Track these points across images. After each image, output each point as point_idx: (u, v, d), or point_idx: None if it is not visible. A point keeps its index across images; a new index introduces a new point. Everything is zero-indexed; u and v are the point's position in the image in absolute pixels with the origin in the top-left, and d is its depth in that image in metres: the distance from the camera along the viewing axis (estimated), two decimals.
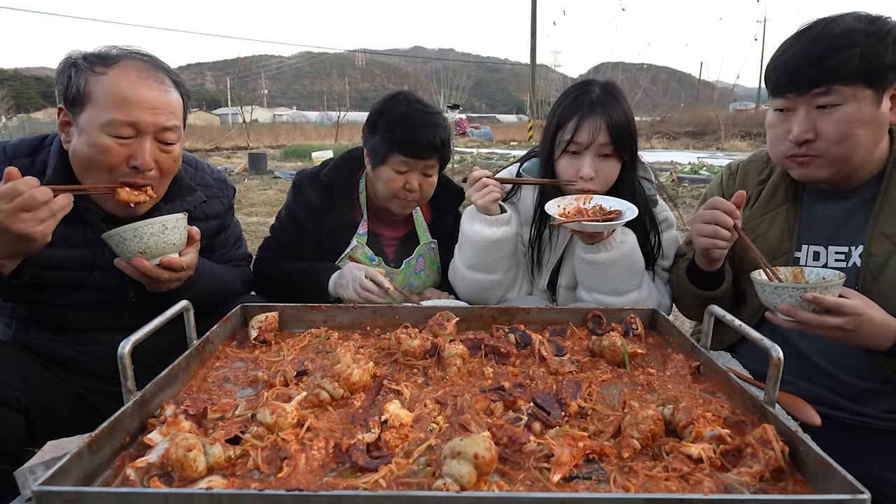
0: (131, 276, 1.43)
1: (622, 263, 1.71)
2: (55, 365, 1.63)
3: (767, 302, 1.33)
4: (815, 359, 1.53)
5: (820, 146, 1.41)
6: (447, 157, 2.00)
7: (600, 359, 1.30)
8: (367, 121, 1.98)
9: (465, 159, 18.27)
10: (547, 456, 0.88)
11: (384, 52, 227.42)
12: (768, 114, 1.53)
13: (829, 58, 1.34)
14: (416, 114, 1.89)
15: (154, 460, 0.83)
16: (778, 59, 1.45)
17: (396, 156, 1.88)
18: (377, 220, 2.10)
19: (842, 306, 1.23)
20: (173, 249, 1.44)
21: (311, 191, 2.04)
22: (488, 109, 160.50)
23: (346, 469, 0.87)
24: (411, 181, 1.91)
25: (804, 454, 0.86)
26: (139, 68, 1.46)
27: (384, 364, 1.26)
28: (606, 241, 1.71)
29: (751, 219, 1.65)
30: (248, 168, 14.75)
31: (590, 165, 1.72)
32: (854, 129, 1.37)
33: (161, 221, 1.39)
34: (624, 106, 1.74)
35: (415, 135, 1.85)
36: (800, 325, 1.28)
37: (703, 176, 12.21)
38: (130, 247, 1.38)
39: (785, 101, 1.44)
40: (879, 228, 1.45)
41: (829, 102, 1.37)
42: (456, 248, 1.92)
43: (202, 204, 1.75)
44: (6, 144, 1.56)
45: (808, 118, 1.40)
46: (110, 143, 1.41)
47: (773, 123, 1.51)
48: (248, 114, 29.91)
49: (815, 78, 1.37)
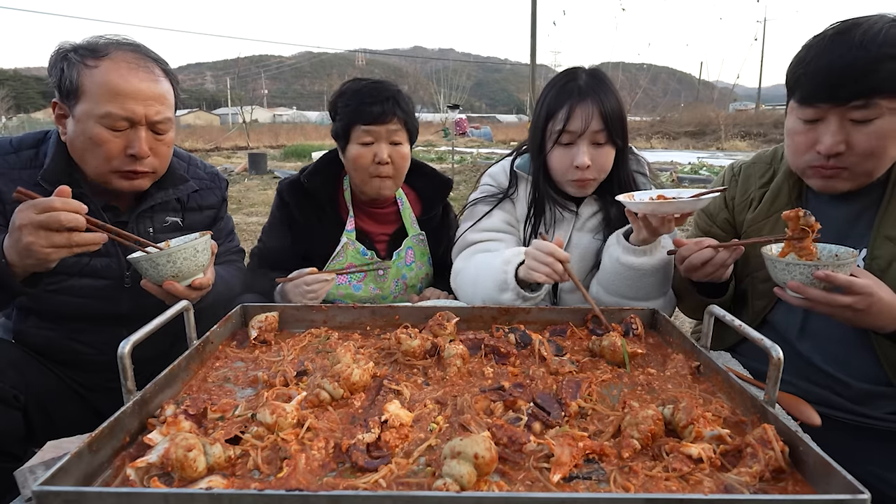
0: (156, 295, 1.45)
1: (661, 271, 1.62)
2: (53, 360, 1.64)
3: (777, 278, 1.31)
4: (816, 360, 1.52)
5: (849, 159, 1.35)
6: (413, 126, 1.99)
7: (600, 359, 1.30)
8: (329, 111, 2.02)
9: (465, 159, 18.26)
10: (547, 456, 0.88)
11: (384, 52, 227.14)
12: (790, 120, 1.45)
13: (877, 70, 1.25)
14: (367, 86, 1.92)
15: (154, 460, 0.83)
16: (811, 65, 1.34)
17: (357, 128, 1.89)
18: (365, 217, 2.10)
19: (852, 284, 1.21)
20: (201, 270, 1.47)
21: (292, 197, 2.04)
22: (488, 109, 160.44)
23: (346, 469, 0.87)
24: (380, 153, 1.90)
25: (804, 454, 0.86)
26: (129, 60, 1.50)
27: (384, 364, 1.26)
28: (653, 245, 1.59)
29: (754, 222, 1.63)
30: (248, 168, 14.76)
31: (584, 154, 1.69)
32: (887, 143, 1.31)
33: (193, 246, 1.42)
34: (612, 90, 1.72)
35: (368, 101, 1.87)
36: (809, 302, 1.26)
37: (703, 176, 12.21)
38: (163, 272, 1.39)
39: (816, 111, 1.35)
40: (884, 231, 1.43)
41: (866, 117, 1.30)
42: (463, 273, 1.80)
43: (196, 195, 1.80)
44: (12, 138, 1.62)
45: (842, 130, 1.33)
46: (107, 134, 1.47)
47: (796, 131, 1.42)
48: (248, 114, 29.95)
49: (857, 90, 1.28)
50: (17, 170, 1.54)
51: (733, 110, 37.73)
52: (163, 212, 1.71)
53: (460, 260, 1.87)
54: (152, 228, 1.68)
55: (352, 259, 2.03)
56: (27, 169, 1.55)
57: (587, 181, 1.75)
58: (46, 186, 1.50)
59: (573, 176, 1.73)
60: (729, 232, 1.74)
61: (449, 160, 16.01)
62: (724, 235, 1.74)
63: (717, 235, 1.74)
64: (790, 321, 1.55)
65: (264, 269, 2.01)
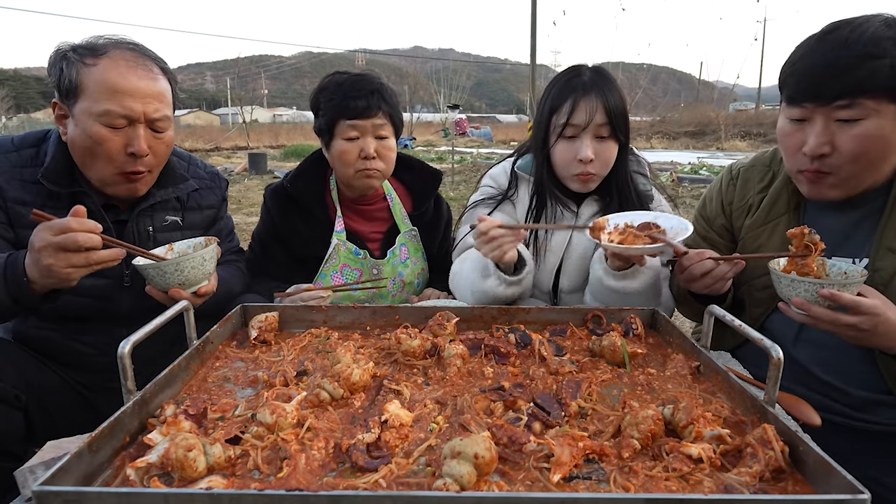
0: (159, 301, 1.44)
1: (647, 291, 1.63)
2: (54, 360, 1.64)
3: (782, 293, 1.29)
4: (812, 367, 1.50)
5: (834, 162, 1.32)
6: (398, 119, 1.98)
7: (600, 359, 1.30)
8: (311, 107, 2.01)
9: (465, 159, 18.27)
10: (547, 456, 0.88)
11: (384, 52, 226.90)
12: (780, 121, 1.44)
13: (858, 68, 1.23)
14: (349, 79, 1.91)
15: (154, 460, 0.83)
16: (797, 65, 1.34)
17: (342, 122, 1.87)
18: (354, 216, 2.08)
19: (859, 305, 1.17)
20: (207, 278, 1.47)
21: (275, 203, 2.04)
22: (488, 109, 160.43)
23: (346, 469, 0.87)
24: (366, 147, 1.88)
25: (804, 454, 0.86)
26: (127, 58, 1.50)
27: (384, 364, 1.26)
28: (635, 269, 1.59)
29: (752, 228, 1.60)
30: (248, 168, 14.76)
31: (588, 147, 1.69)
32: (872, 145, 1.28)
33: (201, 255, 1.41)
34: (616, 87, 1.73)
35: (351, 95, 1.86)
36: (812, 319, 1.23)
37: (703, 176, 12.21)
38: (170, 280, 1.39)
39: (802, 111, 1.34)
40: (886, 243, 1.39)
41: (851, 117, 1.27)
42: (459, 273, 1.81)
43: (195, 194, 1.80)
44: (13, 136, 1.62)
45: (826, 130, 1.31)
46: (106, 133, 1.47)
47: (786, 133, 1.41)
48: (248, 114, 29.94)
49: (840, 89, 1.26)
50: (19, 168, 1.54)
51: (733, 110, 37.76)
52: (163, 210, 1.71)
53: (457, 262, 1.87)
54: (152, 227, 1.68)
55: (345, 260, 2.01)
56: (28, 167, 1.55)
57: (590, 176, 1.74)
58: (47, 185, 1.51)
59: (576, 170, 1.73)
60: (726, 238, 1.72)
61: (449, 160, 16.01)
62: (721, 241, 1.72)
63: (714, 241, 1.73)
64: (787, 328, 1.53)
65: (262, 278, 2.01)
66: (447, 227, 2.26)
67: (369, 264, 2.03)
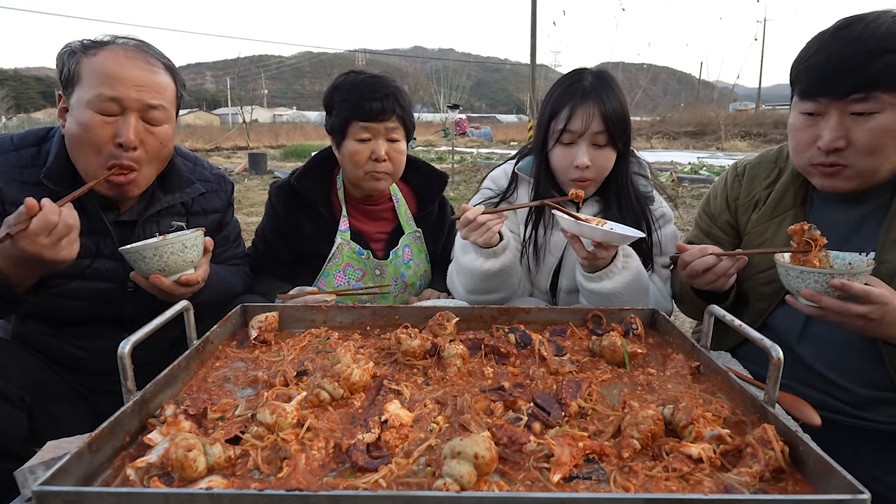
0: (146, 290, 1.44)
1: (627, 291, 1.63)
2: (54, 362, 1.63)
3: (790, 285, 1.29)
4: (816, 365, 1.50)
5: (849, 156, 1.33)
6: (410, 123, 1.98)
7: (600, 359, 1.30)
8: (324, 105, 2.00)
9: (465, 159, 18.25)
10: (547, 456, 0.88)
11: (384, 52, 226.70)
12: (792, 116, 1.44)
13: (873, 63, 1.24)
14: (365, 81, 1.90)
15: (154, 460, 0.83)
16: (811, 60, 1.34)
17: (355, 124, 1.87)
18: (359, 216, 2.09)
19: (868, 294, 1.18)
20: (191, 266, 1.46)
21: (281, 200, 2.03)
22: (488, 109, 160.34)
23: (346, 469, 0.87)
24: (377, 149, 1.88)
25: (804, 454, 0.86)
26: (128, 49, 1.49)
27: (384, 364, 1.26)
28: (608, 270, 1.62)
29: (758, 223, 1.61)
30: (248, 168, 14.76)
31: (584, 154, 1.70)
32: (887, 139, 1.29)
33: (181, 240, 1.40)
34: (617, 93, 1.72)
35: (367, 96, 1.85)
36: (822, 311, 1.24)
37: (703, 176, 12.21)
38: (150, 265, 1.38)
39: (816, 105, 1.34)
40: (893, 236, 1.40)
41: (866, 110, 1.28)
42: (453, 266, 1.85)
43: (200, 198, 1.77)
44: (13, 135, 1.59)
45: (841, 125, 1.31)
46: (96, 120, 1.43)
47: (798, 127, 1.41)
48: (248, 114, 29.94)
49: (855, 83, 1.27)
50: (18, 168, 1.51)
51: (733, 110, 37.73)
52: (169, 216, 1.70)
53: (453, 264, 1.88)
54: (158, 233, 1.67)
55: (348, 260, 2.01)
56: (28, 168, 1.52)
57: (587, 181, 1.75)
58: (49, 185, 1.48)
59: (573, 175, 1.74)
60: (730, 234, 1.73)
61: (449, 160, 16.01)
62: (725, 237, 1.73)
63: (717, 237, 1.73)
64: (791, 324, 1.54)
65: (266, 278, 2.01)
66: (450, 229, 2.26)
67: (372, 265, 2.03)
